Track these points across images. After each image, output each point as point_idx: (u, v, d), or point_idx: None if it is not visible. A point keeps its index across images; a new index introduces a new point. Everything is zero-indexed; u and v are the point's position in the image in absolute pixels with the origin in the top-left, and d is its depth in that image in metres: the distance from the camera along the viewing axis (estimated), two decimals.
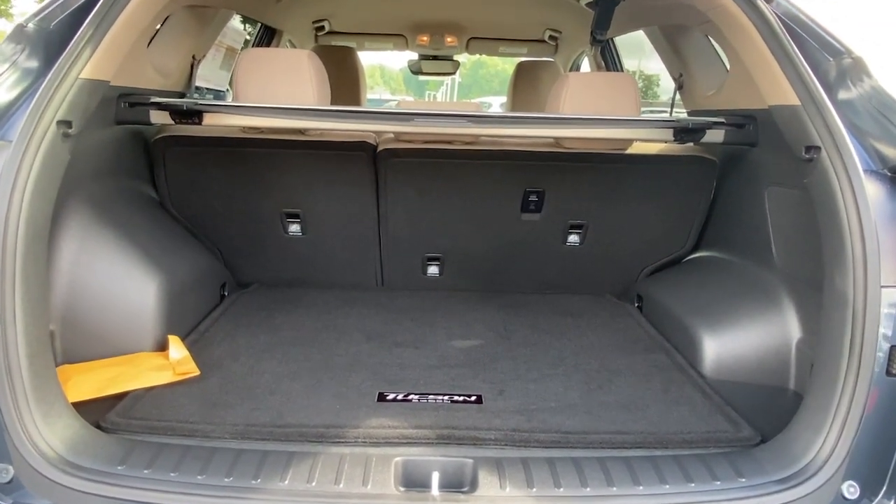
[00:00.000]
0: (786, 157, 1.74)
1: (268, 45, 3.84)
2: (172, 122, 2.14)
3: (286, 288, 2.72)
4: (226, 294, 2.59)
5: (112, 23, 1.66)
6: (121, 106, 2.08)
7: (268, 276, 2.76)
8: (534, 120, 2.19)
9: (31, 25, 1.59)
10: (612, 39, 3.76)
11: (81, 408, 1.64)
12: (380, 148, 2.36)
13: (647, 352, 2.18)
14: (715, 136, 2.16)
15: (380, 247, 2.65)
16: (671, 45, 2.65)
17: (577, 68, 4.50)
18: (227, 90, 3.85)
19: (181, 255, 2.31)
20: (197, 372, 1.86)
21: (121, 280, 1.95)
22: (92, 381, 1.76)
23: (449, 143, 2.35)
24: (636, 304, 2.65)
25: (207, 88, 3.46)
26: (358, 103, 3.94)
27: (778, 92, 1.71)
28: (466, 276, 2.76)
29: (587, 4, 2.89)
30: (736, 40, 1.88)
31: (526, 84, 3.96)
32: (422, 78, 5.93)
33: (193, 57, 2.62)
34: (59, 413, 1.48)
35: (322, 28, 4.21)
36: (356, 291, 2.71)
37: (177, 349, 1.95)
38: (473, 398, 1.79)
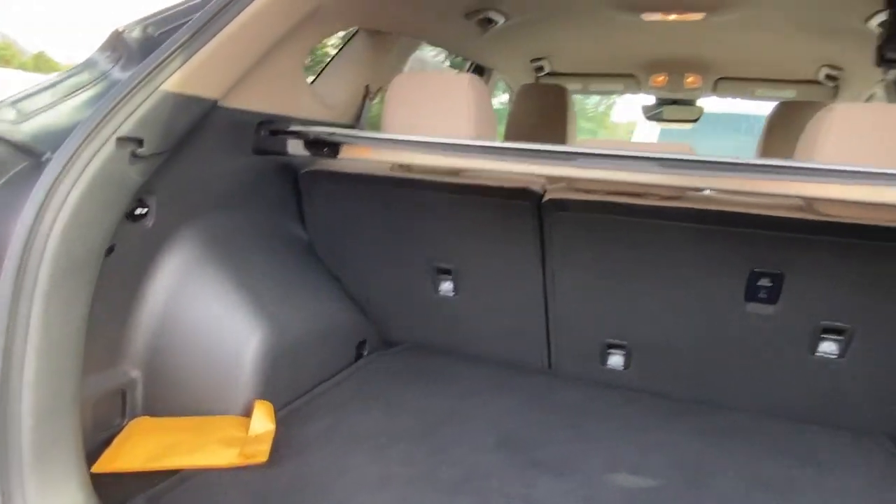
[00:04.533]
0: None
1: None
2: (308, 154, 1.88)
3: (433, 355, 2.28)
4: (364, 353, 2.25)
5: (219, 30, 1.42)
6: (261, 134, 1.88)
7: (416, 338, 2.36)
8: (769, 169, 1.47)
9: (133, 33, 1.42)
10: None
11: (122, 479, 1.39)
12: (546, 197, 1.83)
13: None
14: None
15: (547, 320, 2.09)
16: None
17: None
18: None
19: (308, 304, 2.01)
20: (263, 459, 1.50)
21: (218, 328, 1.69)
22: (150, 445, 1.49)
23: (639, 195, 1.73)
24: None
25: None
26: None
27: None
28: (662, 377, 2.05)
29: (879, 24, 2.07)
30: None
31: (784, 130, 3.06)
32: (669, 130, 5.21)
33: (367, 88, 2.38)
34: (66, 490, 1.20)
35: (541, 68, 3.83)
36: (514, 372, 2.17)
37: (261, 420, 1.62)
38: None
